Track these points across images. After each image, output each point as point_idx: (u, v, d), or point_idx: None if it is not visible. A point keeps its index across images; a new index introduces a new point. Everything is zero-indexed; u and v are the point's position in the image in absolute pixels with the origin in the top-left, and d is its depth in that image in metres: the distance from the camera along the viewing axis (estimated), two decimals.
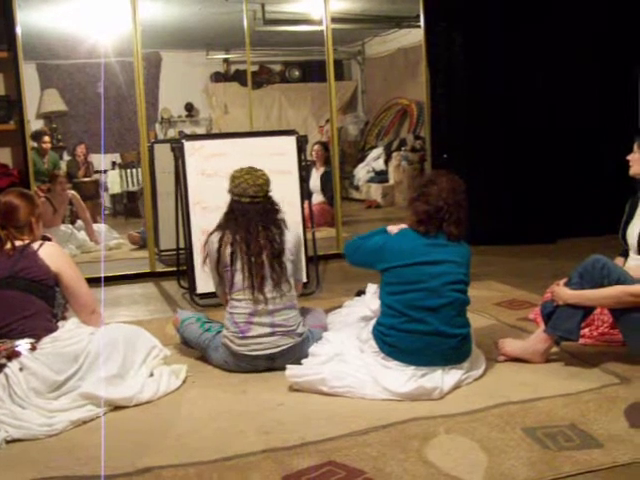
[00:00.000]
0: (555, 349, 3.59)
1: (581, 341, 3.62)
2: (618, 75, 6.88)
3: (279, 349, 3.53)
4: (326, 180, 8.15)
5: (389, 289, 3.31)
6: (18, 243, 3.31)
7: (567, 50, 6.74)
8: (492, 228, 6.63)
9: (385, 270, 3.32)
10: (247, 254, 3.52)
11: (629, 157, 3.80)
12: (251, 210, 3.60)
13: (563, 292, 3.42)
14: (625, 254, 3.90)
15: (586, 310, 3.41)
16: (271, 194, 3.72)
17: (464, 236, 3.37)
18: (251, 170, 3.69)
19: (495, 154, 6.69)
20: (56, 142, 9.44)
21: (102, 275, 5.38)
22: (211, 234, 3.66)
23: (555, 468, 2.48)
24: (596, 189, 6.75)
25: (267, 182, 3.69)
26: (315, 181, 8.51)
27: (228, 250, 3.55)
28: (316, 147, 8.71)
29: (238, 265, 3.54)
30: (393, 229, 3.47)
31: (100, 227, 7.97)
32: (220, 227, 3.65)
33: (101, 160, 10.06)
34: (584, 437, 2.70)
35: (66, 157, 9.78)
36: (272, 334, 3.53)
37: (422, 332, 3.19)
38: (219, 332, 3.66)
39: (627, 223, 3.88)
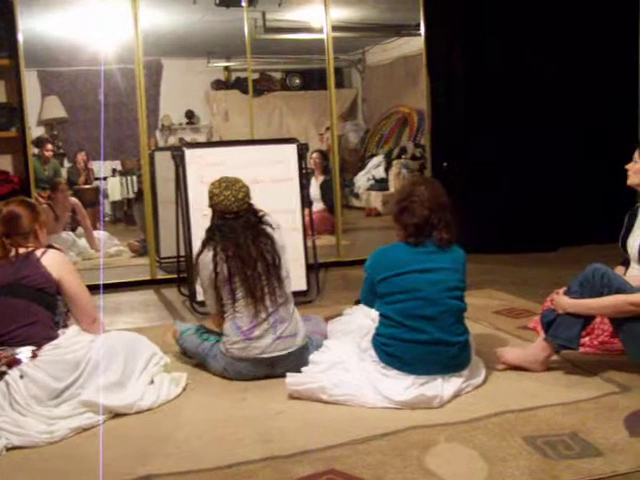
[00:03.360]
0: (555, 357, 3.59)
1: (581, 350, 3.62)
2: (620, 84, 6.91)
3: (280, 353, 3.54)
4: (326, 188, 8.16)
5: (385, 299, 3.30)
6: (22, 250, 3.31)
7: (568, 57, 6.76)
8: (492, 236, 6.65)
9: (381, 280, 3.31)
10: (242, 269, 3.51)
11: (628, 166, 3.79)
12: (236, 225, 3.57)
13: (563, 301, 3.42)
14: (626, 263, 3.90)
15: (586, 319, 3.41)
16: (252, 202, 3.67)
17: (455, 240, 3.37)
18: (229, 184, 3.61)
19: (495, 162, 6.69)
20: (57, 149, 9.45)
21: (101, 282, 5.37)
22: (200, 254, 3.61)
23: (555, 477, 2.48)
24: (597, 198, 6.76)
25: (247, 194, 3.64)
26: (315, 189, 8.51)
27: (225, 266, 3.52)
28: (314, 155, 8.71)
29: (237, 279, 3.53)
30: None
31: (100, 234, 7.98)
32: (207, 244, 3.59)
33: (101, 167, 10.08)
34: (584, 446, 2.70)
35: (67, 164, 9.79)
36: (273, 333, 3.53)
37: (422, 341, 3.19)
38: (217, 341, 3.66)
39: (627, 234, 3.87)
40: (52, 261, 3.30)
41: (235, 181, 3.65)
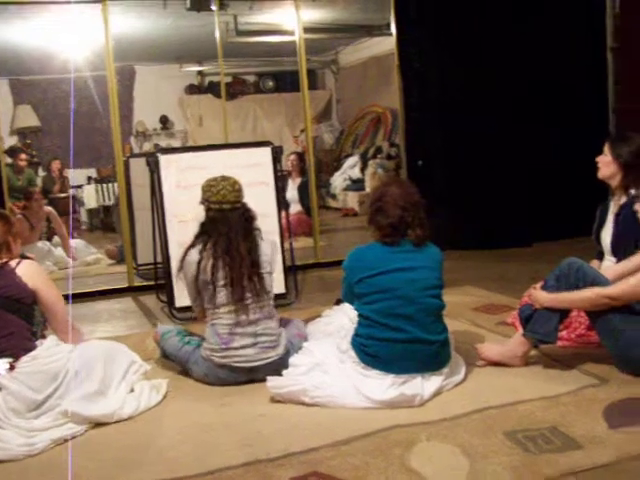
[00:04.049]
0: (534, 352, 3.61)
1: (559, 343, 3.64)
2: (590, 81, 6.99)
3: (261, 362, 3.53)
4: (304, 190, 8.15)
5: (363, 299, 3.31)
6: None
7: (539, 55, 6.81)
8: (468, 233, 6.68)
9: (359, 281, 3.31)
10: (229, 265, 3.52)
11: (598, 159, 3.84)
12: (232, 217, 3.59)
13: (540, 295, 3.45)
14: (600, 256, 3.95)
15: (563, 312, 3.44)
16: (245, 201, 3.72)
17: (430, 237, 3.38)
18: (225, 177, 3.69)
19: (469, 160, 6.73)
20: (31, 158, 9.39)
21: (70, 292, 5.20)
22: (190, 248, 3.63)
23: (536, 471, 2.49)
24: (570, 193, 6.81)
25: (241, 189, 3.70)
26: (292, 191, 8.51)
27: (210, 263, 3.53)
28: (292, 157, 8.71)
29: (220, 278, 3.53)
30: None
31: (77, 242, 7.93)
32: (199, 239, 3.62)
33: (77, 175, 10.03)
34: (564, 439, 2.73)
35: (41, 173, 9.74)
36: (254, 344, 3.53)
37: (401, 340, 3.20)
38: (199, 346, 3.65)
39: (600, 228, 3.94)
40: (27, 271, 3.27)
41: (229, 177, 3.71)
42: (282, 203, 5.58)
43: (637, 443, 2.65)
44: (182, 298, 4.90)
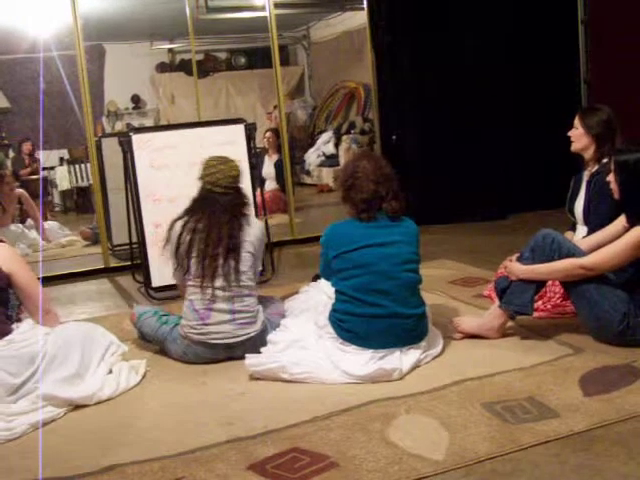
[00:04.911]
0: (510, 324, 3.64)
1: (535, 314, 3.67)
2: (561, 54, 7.02)
3: (238, 339, 3.53)
4: (280, 167, 8.12)
5: (340, 275, 3.31)
6: None
7: (511, 26, 6.82)
8: (444, 207, 6.70)
9: (335, 257, 3.31)
10: (204, 243, 3.52)
11: (570, 133, 3.88)
12: (220, 201, 3.60)
13: (516, 267, 3.47)
14: (574, 228, 3.99)
15: (538, 284, 3.47)
16: (242, 186, 3.72)
17: (405, 210, 3.38)
18: (226, 160, 3.70)
19: (443, 133, 6.73)
20: (0, 140, 9.28)
21: (41, 275, 5.13)
22: (176, 220, 3.66)
23: (515, 440, 2.52)
24: (544, 163, 6.84)
25: (240, 174, 3.71)
26: (268, 168, 8.47)
27: (188, 237, 3.55)
28: (268, 134, 8.66)
29: (194, 253, 3.53)
30: None
31: (50, 225, 7.87)
32: (186, 213, 3.65)
33: (48, 156, 9.94)
34: (541, 408, 2.76)
35: (12, 154, 9.63)
36: (232, 321, 3.53)
37: (378, 315, 3.21)
38: (176, 324, 3.65)
39: (573, 198, 3.99)
40: (0, 255, 3.25)
41: (232, 160, 3.73)
42: (257, 180, 5.56)
43: (612, 410, 2.69)
44: (158, 278, 4.89)
